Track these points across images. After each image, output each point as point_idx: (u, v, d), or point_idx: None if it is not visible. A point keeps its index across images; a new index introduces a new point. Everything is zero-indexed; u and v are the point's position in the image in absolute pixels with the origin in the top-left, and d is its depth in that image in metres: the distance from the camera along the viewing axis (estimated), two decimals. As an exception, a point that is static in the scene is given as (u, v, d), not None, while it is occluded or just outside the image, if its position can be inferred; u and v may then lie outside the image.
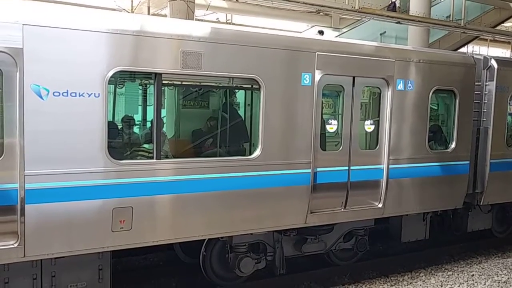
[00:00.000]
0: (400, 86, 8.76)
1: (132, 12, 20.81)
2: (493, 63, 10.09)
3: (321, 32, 19.90)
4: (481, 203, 10.36)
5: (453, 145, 9.63)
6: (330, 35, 25.87)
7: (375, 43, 9.29)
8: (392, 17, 17.73)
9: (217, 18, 28.40)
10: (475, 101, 9.95)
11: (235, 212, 7.45)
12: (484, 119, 10.15)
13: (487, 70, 10.12)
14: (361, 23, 23.42)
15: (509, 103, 10.38)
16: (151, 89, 6.95)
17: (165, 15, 19.65)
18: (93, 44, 6.24)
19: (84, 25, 6.17)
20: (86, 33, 6.18)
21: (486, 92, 10.13)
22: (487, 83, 10.13)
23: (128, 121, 7.23)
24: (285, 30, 24.39)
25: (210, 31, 7.20)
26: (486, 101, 10.13)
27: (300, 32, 27.40)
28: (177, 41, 6.78)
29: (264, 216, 7.70)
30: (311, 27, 30.02)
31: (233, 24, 26.94)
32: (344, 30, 27.07)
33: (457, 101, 9.56)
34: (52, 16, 6.06)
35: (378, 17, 17.50)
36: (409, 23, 18.24)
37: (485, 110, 10.14)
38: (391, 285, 9.11)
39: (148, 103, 7.29)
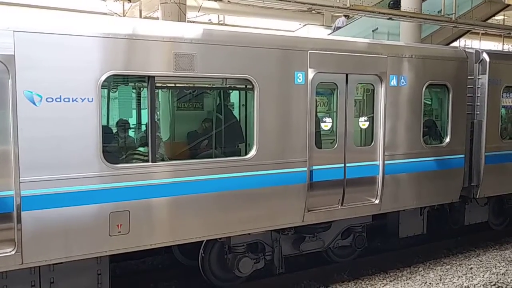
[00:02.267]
0: (393, 82, 8.79)
1: (124, 15, 20.81)
2: (485, 56, 10.12)
3: (347, 16, 19.82)
4: (478, 196, 10.39)
5: (447, 139, 9.66)
6: (322, 33, 25.93)
7: (367, 40, 9.32)
8: (384, 13, 17.74)
9: (209, 20, 28.40)
10: (468, 95, 9.98)
11: (232, 213, 7.45)
12: (478, 113, 10.18)
13: (479, 63, 10.15)
14: (353, 20, 23.41)
15: (502, 95, 10.42)
16: (144, 92, 6.95)
17: (157, 18, 19.65)
18: (85, 49, 6.22)
19: (76, 30, 6.16)
20: (77, 38, 6.16)
21: (479, 86, 10.16)
22: (479, 77, 10.16)
23: (123, 125, 7.23)
24: (277, 29, 24.45)
25: (202, 33, 7.19)
26: (479, 95, 10.16)
27: (293, 31, 27.46)
28: (170, 44, 6.78)
29: (261, 216, 7.71)
30: (303, 25, 30.09)
31: (226, 25, 26.97)
32: (336, 27, 27.08)
33: (450, 95, 9.58)
34: (43, 22, 6.05)
35: (369, 13, 17.51)
36: (401, 19, 18.26)
37: (479, 104, 10.18)
38: (390, 281, 9.12)
39: (142, 106, 7.29)
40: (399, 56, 8.90)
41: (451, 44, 21.88)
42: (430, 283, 8.68)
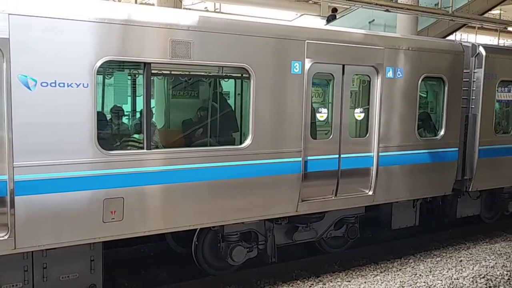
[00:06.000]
0: (390, 74, 8.79)
1: (120, 1, 20.64)
2: (481, 50, 10.14)
3: None
4: (470, 190, 10.46)
5: (442, 132, 9.70)
6: (319, 23, 25.87)
7: (364, 31, 9.29)
8: (381, 5, 17.69)
9: (205, 7, 28.30)
10: (463, 89, 10.01)
11: (226, 202, 7.45)
12: (473, 106, 10.22)
13: (475, 57, 10.17)
14: (350, 11, 23.38)
15: (497, 90, 10.45)
16: (140, 79, 6.91)
17: (152, 4, 19.52)
18: (81, 34, 6.17)
19: (72, 14, 6.10)
20: (74, 22, 6.11)
21: (475, 79, 10.18)
22: (475, 71, 10.18)
23: (118, 111, 7.18)
24: (274, 19, 24.36)
25: (199, 20, 7.13)
26: (474, 88, 10.19)
27: (290, 21, 27.38)
28: (166, 30, 6.74)
29: (255, 205, 7.72)
30: (300, 15, 30.03)
31: (222, 13, 26.85)
32: (333, 18, 27.00)
33: (446, 88, 9.60)
34: (39, 6, 5.97)
35: (366, 5, 17.44)
36: (398, 11, 18.22)
37: (474, 97, 10.21)
38: (381, 272, 9.16)
39: (137, 93, 7.25)
40: (396, 48, 8.89)
41: (447, 38, 21.89)
42: (420, 275, 8.70)
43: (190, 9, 25.65)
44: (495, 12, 26.72)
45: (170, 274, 8.83)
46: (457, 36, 27.04)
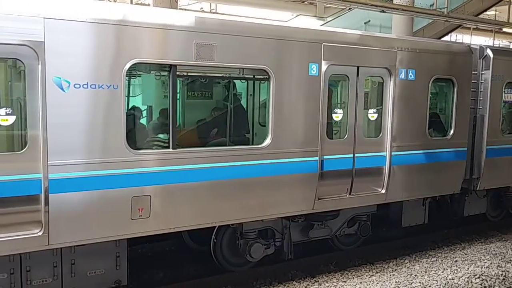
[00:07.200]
0: (402, 75, 9.01)
1: (115, 1, 20.66)
2: (489, 52, 10.40)
3: None
4: (478, 188, 10.70)
5: (451, 132, 9.93)
6: (314, 24, 26.04)
7: (377, 34, 9.50)
8: (376, 5, 17.86)
9: (201, 8, 28.31)
10: (471, 90, 10.24)
11: (246, 200, 7.64)
12: (480, 107, 10.46)
13: (483, 59, 10.41)
14: (346, 12, 23.55)
15: (504, 91, 10.70)
16: (166, 81, 7.07)
17: (148, 5, 19.53)
18: (111, 37, 6.34)
19: (103, 18, 6.26)
20: (104, 26, 6.27)
21: (482, 81, 10.43)
22: (483, 72, 10.42)
23: (145, 112, 7.34)
24: (269, 19, 24.48)
25: (222, 23, 7.33)
26: (482, 90, 10.44)
27: (286, 21, 27.53)
28: (191, 33, 6.91)
29: (274, 203, 7.91)
30: (296, 16, 30.16)
31: (217, 13, 26.92)
32: (329, 19, 27.21)
33: (455, 89, 9.84)
34: (72, 10, 6.12)
35: (362, 5, 17.60)
36: (393, 12, 18.40)
37: (481, 98, 10.45)
38: (376, 272, 9.20)
39: (164, 94, 7.40)
40: (408, 50, 9.11)
41: (443, 38, 22.13)
42: (415, 275, 8.83)
43: (185, 9, 25.67)
44: (490, 13, 27.03)
45: (167, 274, 8.88)
46: (452, 37, 27.32)
